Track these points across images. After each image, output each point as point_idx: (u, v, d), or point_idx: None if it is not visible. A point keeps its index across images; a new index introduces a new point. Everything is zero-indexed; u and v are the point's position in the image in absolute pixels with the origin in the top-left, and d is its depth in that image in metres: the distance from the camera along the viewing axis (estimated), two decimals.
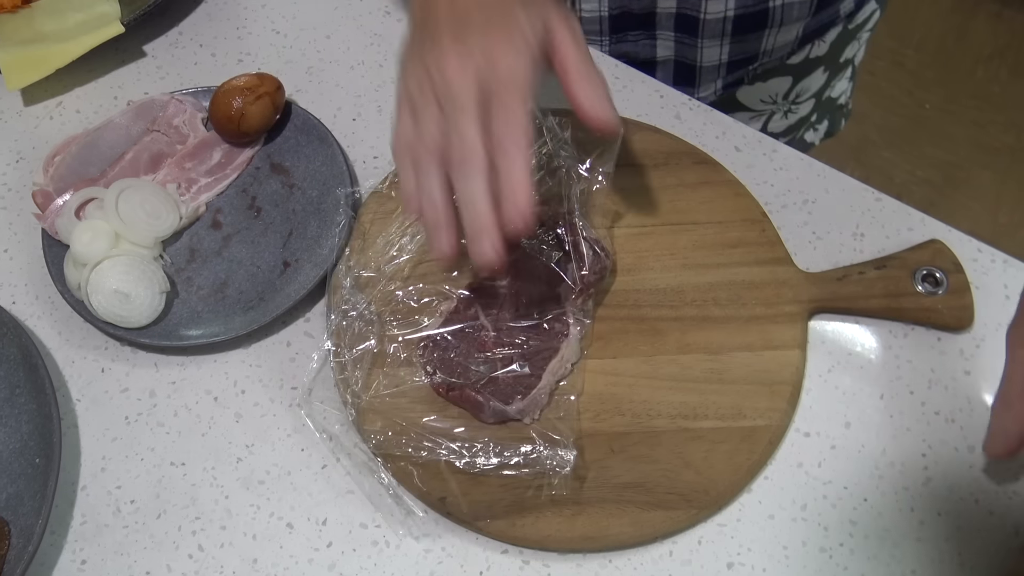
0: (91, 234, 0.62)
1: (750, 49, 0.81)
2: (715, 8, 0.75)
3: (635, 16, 0.78)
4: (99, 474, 0.59)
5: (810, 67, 0.89)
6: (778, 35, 0.80)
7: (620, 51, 0.81)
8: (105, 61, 0.76)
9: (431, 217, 0.51)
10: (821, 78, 0.91)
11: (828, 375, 0.60)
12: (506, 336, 0.59)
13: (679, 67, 0.83)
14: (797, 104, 0.93)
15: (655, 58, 0.82)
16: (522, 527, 0.54)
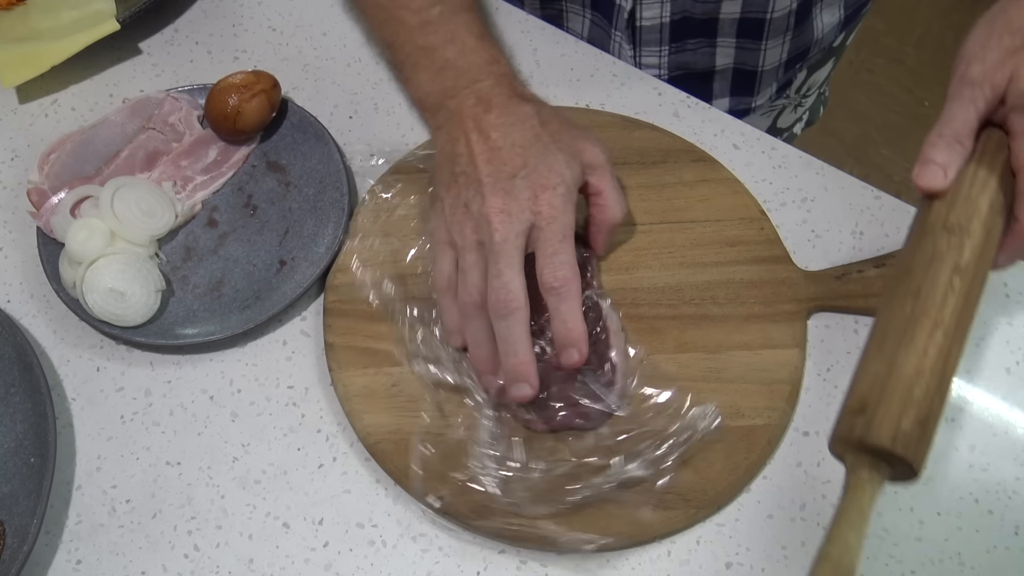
0: (86, 232, 0.61)
1: (805, 40, 0.81)
2: (782, 4, 0.74)
3: (697, 22, 0.76)
4: (94, 473, 0.59)
5: (825, 58, 0.89)
6: (824, 16, 0.79)
7: (679, 61, 0.79)
8: (100, 58, 0.76)
9: (479, 360, 0.56)
10: (828, 68, 0.91)
11: (827, 374, 0.60)
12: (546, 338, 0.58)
13: (738, 75, 0.82)
14: (807, 97, 0.93)
15: (714, 67, 0.81)
16: (520, 527, 0.54)
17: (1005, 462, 0.57)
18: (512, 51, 0.75)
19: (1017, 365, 0.60)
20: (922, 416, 0.44)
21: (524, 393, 0.53)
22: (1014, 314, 0.62)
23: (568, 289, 0.53)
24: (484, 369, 0.56)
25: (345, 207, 0.64)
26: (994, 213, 0.48)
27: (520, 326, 0.53)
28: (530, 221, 0.53)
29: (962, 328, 0.46)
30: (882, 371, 0.45)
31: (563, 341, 0.53)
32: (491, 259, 0.53)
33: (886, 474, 0.45)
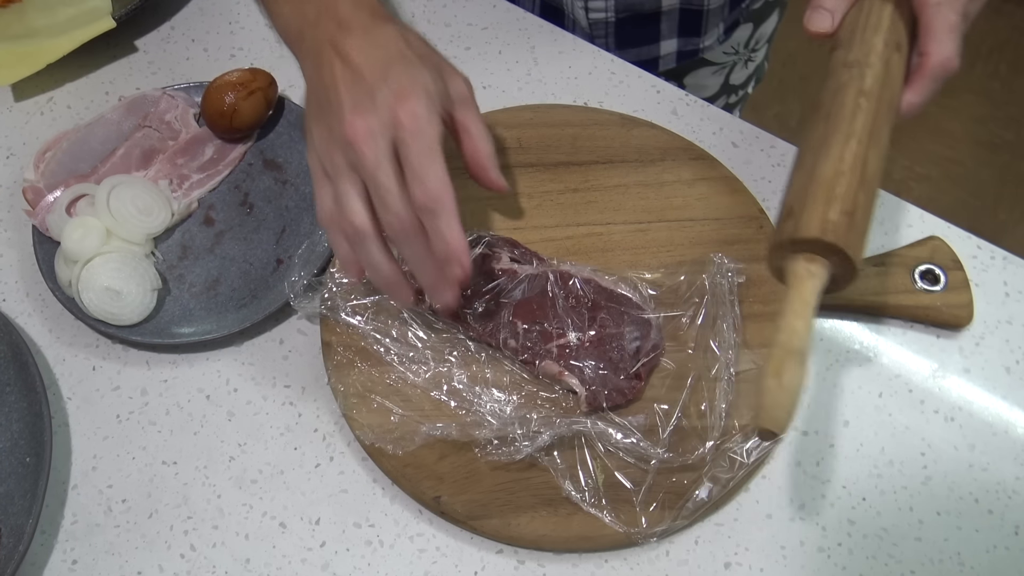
0: (82, 231, 0.61)
1: None
2: None
3: None
4: (90, 473, 0.58)
5: (769, 10, 0.89)
6: None
7: (626, 3, 0.79)
8: (96, 56, 0.75)
9: (381, 282, 0.54)
10: (774, 21, 0.92)
11: (826, 373, 0.60)
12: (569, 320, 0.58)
13: (685, 15, 0.82)
14: (756, 52, 0.93)
15: (660, 7, 0.81)
16: (517, 527, 0.54)
17: (1005, 462, 0.57)
18: (510, 48, 0.74)
19: (1017, 364, 0.60)
20: (847, 208, 0.47)
21: (447, 301, 0.53)
22: (1014, 313, 0.62)
23: (441, 204, 0.50)
24: (389, 289, 0.54)
25: None
26: (889, 49, 0.51)
27: (420, 243, 0.51)
28: (394, 134, 0.50)
29: (876, 139, 0.49)
30: (804, 181, 0.49)
31: (442, 257, 0.52)
32: (371, 187, 0.51)
33: (826, 269, 0.48)
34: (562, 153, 0.67)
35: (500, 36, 0.75)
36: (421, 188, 0.50)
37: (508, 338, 0.57)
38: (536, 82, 0.73)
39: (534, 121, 0.68)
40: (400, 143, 0.50)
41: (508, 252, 0.61)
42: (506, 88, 0.73)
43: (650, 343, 0.57)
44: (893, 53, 0.51)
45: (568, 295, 0.59)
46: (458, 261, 0.51)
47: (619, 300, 0.59)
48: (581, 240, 0.64)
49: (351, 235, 0.52)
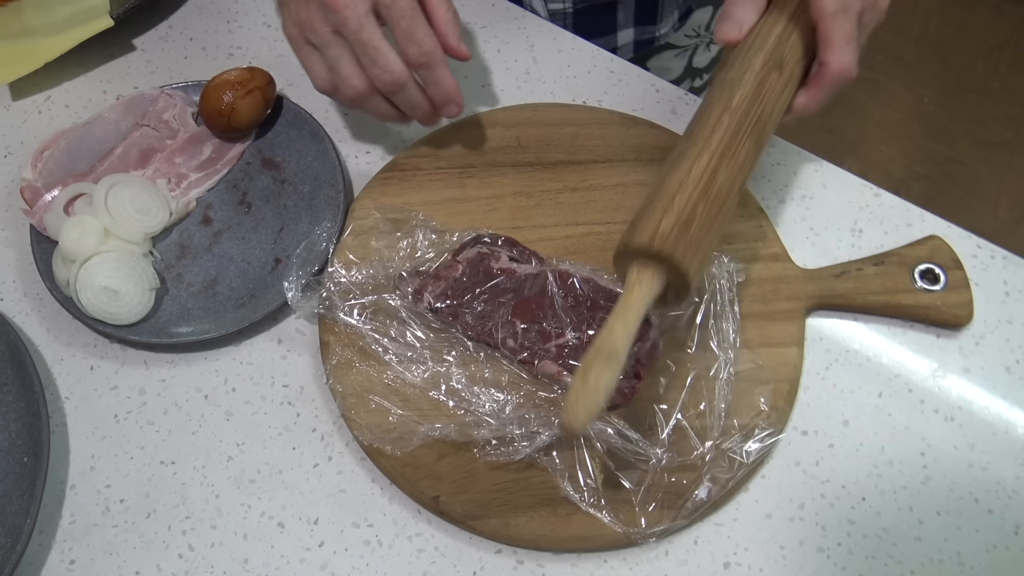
0: (80, 230, 0.61)
1: None
2: None
3: None
4: (88, 473, 0.58)
5: None
6: None
7: None
8: (94, 55, 0.75)
9: (395, 120, 0.61)
10: None
11: (826, 373, 0.60)
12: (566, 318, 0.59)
13: (640, 4, 0.83)
14: None
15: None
16: (516, 527, 0.54)
17: (1005, 461, 0.57)
18: (509, 47, 0.74)
19: (1017, 364, 0.60)
20: (682, 219, 0.48)
21: (452, 112, 0.60)
22: (1013, 313, 0.62)
23: (434, 56, 0.56)
24: (402, 119, 0.62)
25: (340, 204, 0.64)
26: (767, 68, 0.53)
27: (415, 90, 0.58)
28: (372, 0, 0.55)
29: (731, 155, 0.51)
30: (651, 192, 0.51)
31: (441, 101, 0.59)
32: (358, 48, 0.55)
33: (658, 279, 0.49)
34: (561, 152, 0.67)
35: (499, 35, 0.75)
36: (415, 46, 0.55)
37: (507, 338, 0.57)
38: (535, 81, 0.73)
39: (533, 120, 0.68)
40: (383, 7, 0.55)
41: (507, 251, 0.61)
42: (505, 87, 0.72)
43: (649, 342, 0.57)
44: (772, 72, 0.53)
45: (567, 294, 0.59)
46: (454, 101, 0.59)
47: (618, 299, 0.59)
48: (580, 239, 0.63)
49: (355, 99, 0.58)
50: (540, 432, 0.54)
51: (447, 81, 0.58)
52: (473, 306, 0.59)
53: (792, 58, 0.54)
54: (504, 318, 0.58)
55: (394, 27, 0.56)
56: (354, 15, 0.54)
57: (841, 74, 0.52)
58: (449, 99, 0.59)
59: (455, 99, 0.59)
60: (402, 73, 0.56)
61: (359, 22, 0.54)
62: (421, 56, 0.56)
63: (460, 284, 0.59)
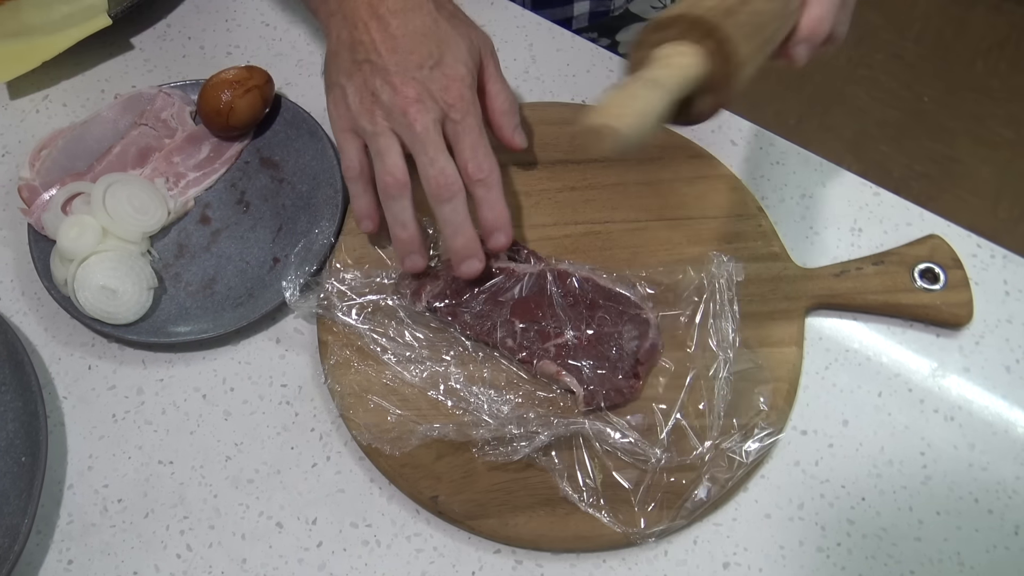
0: (78, 229, 0.61)
1: None
2: None
3: None
4: (86, 473, 0.58)
5: None
6: None
7: None
8: (92, 54, 0.75)
9: (406, 242, 0.57)
10: None
11: (825, 372, 0.60)
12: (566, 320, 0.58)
13: None
14: None
15: None
16: (515, 526, 0.54)
17: (1005, 461, 0.57)
18: (508, 46, 0.74)
19: (1017, 363, 0.60)
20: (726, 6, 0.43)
21: (474, 269, 0.57)
22: (1013, 312, 0.61)
23: (493, 178, 0.55)
24: (409, 249, 0.57)
25: (339, 204, 0.64)
26: None
27: (462, 206, 0.55)
28: (443, 112, 0.54)
29: None
30: None
31: (492, 226, 0.56)
32: (418, 148, 0.54)
33: (702, 58, 0.43)
34: (560, 151, 0.67)
35: (498, 33, 0.75)
36: (475, 163, 0.55)
37: (505, 337, 0.57)
38: (534, 80, 0.73)
39: (532, 119, 0.68)
40: (450, 122, 0.55)
41: (506, 250, 0.60)
42: None
43: (648, 342, 0.57)
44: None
45: (566, 294, 0.59)
46: (504, 230, 0.57)
47: (617, 299, 0.59)
48: (579, 238, 0.63)
49: (388, 187, 0.55)
50: (539, 432, 0.54)
51: (501, 205, 0.56)
52: (472, 305, 0.58)
53: None
54: (503, 317, 0.58)
55: (457, 142, 0.55)
56: (423, 120, 0.53)
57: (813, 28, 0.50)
58: (499, 226, 0.56)
59: (504, 226, 0.57)
60: (458, 181, 0.54)
61: (426, 128, 0.54)
62: (480, 172, 0.55)
63: (458, 283, 0.59)
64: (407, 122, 0.54)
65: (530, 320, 0.58)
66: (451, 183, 0.54)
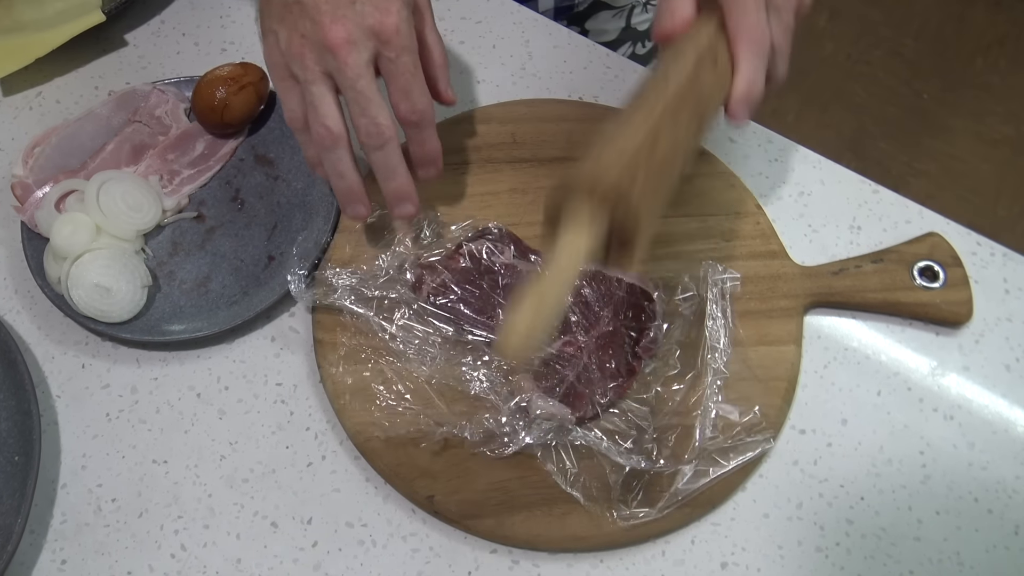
0: (71, 227, 0.61)
1: None
2: None
3: None
4: (79, 472, 0.58)
5: None
6: None
7: None
8: (86, 50, 0.75)
9: (345, 192, 0.56)
10: None
11: (824, 371, 0.59)
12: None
13: None
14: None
15: None
16: (511, 526, 0.54)
17: (1005, 460, 0.56)
18: (504, 42, 0.74)
19: (1017, 362, 0.59)
20: (632, 159, 0.44)
21: (408, 211, 0.57)
22: (1013, 311, 0.61)
23: (427, 118, 0.55)
24: (349, 199, 0.57)
25: (334, 201, 0.63)
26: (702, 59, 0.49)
27: (396, 152, 0.54)
28: (376, 50, 0.52)
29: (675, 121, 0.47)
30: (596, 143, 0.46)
31: (422, 160, 0.57)
32: (349, 95, 0.53)
33: (601, 221, 0.44)
34: (557, 148, 0.66)
35: (494, 30, 0.75)
36: (408, 103, 0.54)
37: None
38: (531, 77, 0.72)
39: (529, 116, 0.68)
40: (384, 59, 0.53)
41: (509, 247, 0.60)
42: (500, 83, 0.72)
43: (650, 335, 0.57)
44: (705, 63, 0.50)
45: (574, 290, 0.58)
46: (434, 163, 0.57)
47: (623, 287, 0.58)
48: None
49: (322, 138, 0.54)
50: (537, 426, 0.54)
51: (433, 141, 0.57)
52: (472, 300, 0.58)
53: (723, 59, 0.51)
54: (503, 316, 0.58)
55: (391, 81, 0.54)
56: (354, 63, 0.52)
57: (751, 37, 0.50)
58: (431, 160, 0.57)
59: (436, 160, 0.58)
60: (390, 128, 0.53)
61: (358, 71, 0.52)
62: (413, 114, 0.54)
63: (461, 276, 0.59)
64: (337, 65, 0.52)
65: None
66: (382, 131, 0.53)
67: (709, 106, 0.51)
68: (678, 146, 0.48)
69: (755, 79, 0.51)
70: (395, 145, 0.54)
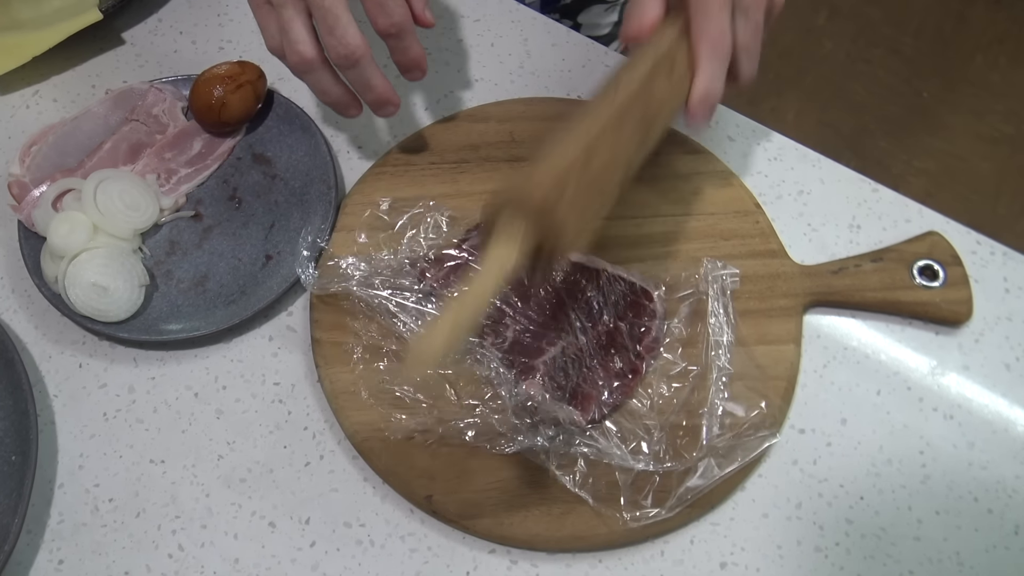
0: (68, 226, 0.60)
1: None
2: None
3: None
4: (77, 472, 0.58)
5: None
6: None
7: None
8: (83, 49, 0.74)
9: (334, 105, 0.59)
10: None
11: (824, 370, 0.59)
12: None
13: None
14: None
15: None
16: (510, 526, 0.53)
17: (1005, 460, 0.56)
18: (503, 41, 0.74)
19: (1017, 361, 0.59)
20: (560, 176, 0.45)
21: (390, 112, 0.59)
22: (1013, 310, 0.61)
23: (405, 27, 0.55)
24: (340, 109, 0.59)
25: (332, 200, 0.63)
26: (658, 67, 0.51)
27: (370, 66, 0.55)
28: None
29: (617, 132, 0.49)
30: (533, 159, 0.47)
31: (407, 67, 0.58)
32: (317, 15, 0.53)
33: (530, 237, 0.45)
34: None
35: (492, 28, 0.74)
36: (384, 16, 0.54)
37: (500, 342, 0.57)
38: (529, 75, 0.72)
39: (527, 114, 0.67)
40: None
41: None
42: (499, 81, 0.72)
43: (652, 335, 0.57)
44: (661, 72, 0.51)
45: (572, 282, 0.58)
46: (419, 67, 0.58)
47: (624, 283, 0.58)
48: None
49: (296, 65, 0.55)
50: (544, 428, 0.54)
51: (415, 48, 0.57)
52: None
53: (681, 65, 0.52)
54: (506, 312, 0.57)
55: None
56: None
57: (711, 42, 0.51)
58: (415, 64, 0.58)
59: (420, 64, 0.58)
60: (360, 46, 0.54)
61: None
62: (391, 27, 0.54)
63: (461, 271, 0.59)
64: None
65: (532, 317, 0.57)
66: (353, 51, 0.53)
67: (661, 112, 0.52)
68: (618, 157, 0.50)
69: (713, 82, 0.52)
70: (367, 62, 0.55)
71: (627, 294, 0.58)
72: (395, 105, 0.59)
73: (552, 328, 0.57)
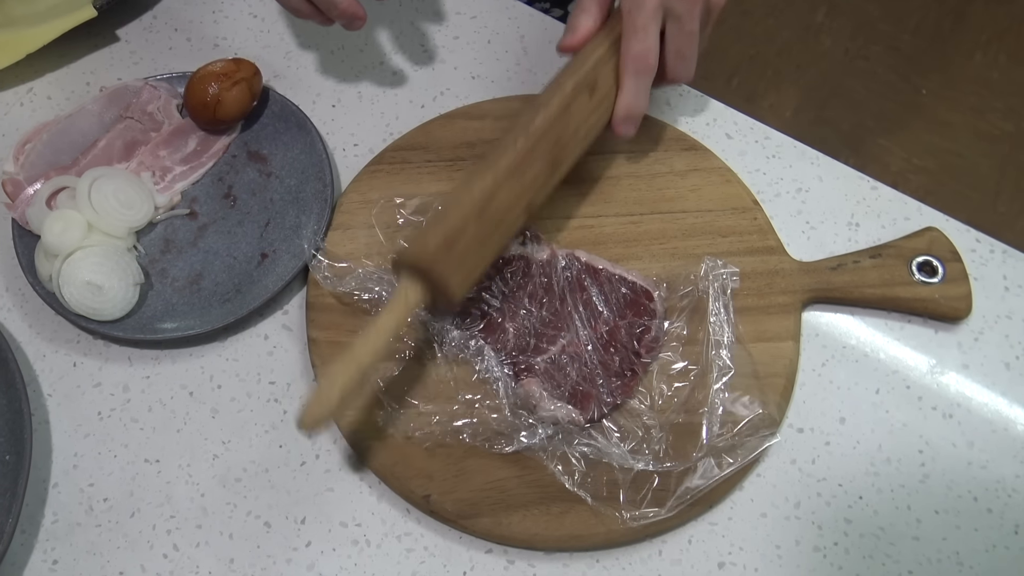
0: (63, 224, 0.60)
1: None
2: None
3: None
4: (71, 471, 0.57)
5: None
6: None
7: None
8: (77, 46, 0.74)
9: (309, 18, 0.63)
10: None
11: (822, 368, 0.59)
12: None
13: None
14: None
15: None
16: (508, 526, 0.53)
17: (1004, 459, 0.56)
18: (499, 37, 0.73)
19: (1016, 360, 0.59)
20: (452, 236, 0.51)
21: (358, 26, 0.62)
22: (1013, 308, 0.61)
23: None
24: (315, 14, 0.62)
25: (328, 198, 0.63)
26: (578, 90, 0.56)
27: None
28: None
29: (518, 176, 0.53)
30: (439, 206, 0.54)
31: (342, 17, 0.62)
32: None
33: (423, 291, 0.51)
34: None
35: (489, 25, 0.74)
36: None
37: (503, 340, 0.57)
38: (525, 72, 0.72)
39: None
40: None
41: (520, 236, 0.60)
42: (495, 78, 0.71)
43: (652, 334, 0.57)
44: (582, 94, 0.56)
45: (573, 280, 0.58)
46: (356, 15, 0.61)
47: (624, 283, 0.58)
48: (572, 233, 0.62)
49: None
50: (543, 428, 0.53)
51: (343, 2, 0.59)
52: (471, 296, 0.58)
53: (607, 81, 0.56)
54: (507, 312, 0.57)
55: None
56: None
57: (635, 60, 0.54)
58: (349, 15, 0.60)
59: (355, 14, 0.61)
60: None
61: None
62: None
63: None
64: None
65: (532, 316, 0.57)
66: None
67: (580, 131, 0.57)
68: (521, 194, 0.54)
69: (635, 99, 0.57)
70: None
71: (627, 293, 0.58)
72: (361, 19, 0.62)
73: (552, 327, 0.57)
